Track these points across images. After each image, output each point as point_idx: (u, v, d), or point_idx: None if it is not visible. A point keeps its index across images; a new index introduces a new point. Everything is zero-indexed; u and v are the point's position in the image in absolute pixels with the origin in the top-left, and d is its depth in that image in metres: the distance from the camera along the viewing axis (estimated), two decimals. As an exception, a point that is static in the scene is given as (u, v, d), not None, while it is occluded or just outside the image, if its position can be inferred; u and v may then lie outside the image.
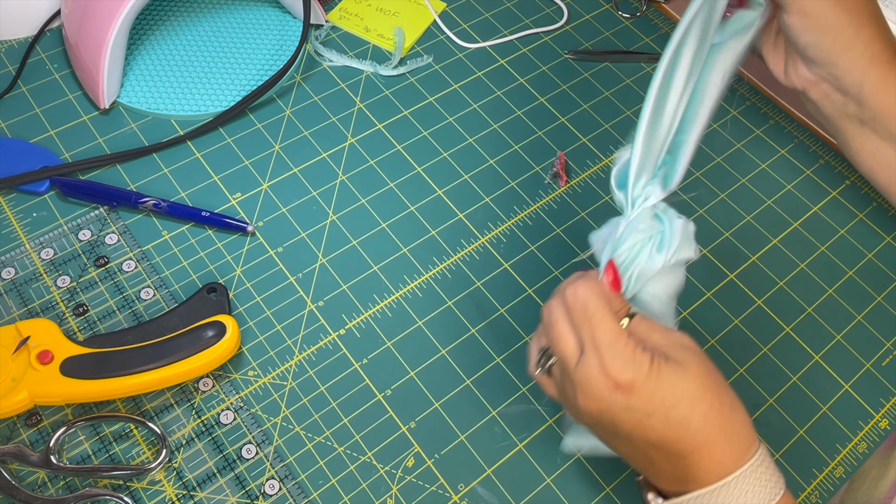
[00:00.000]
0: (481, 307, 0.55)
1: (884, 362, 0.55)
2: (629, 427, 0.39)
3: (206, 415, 0.49)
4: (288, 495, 0.47)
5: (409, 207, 0.59)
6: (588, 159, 0.63)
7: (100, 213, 0.56)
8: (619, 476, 0.49)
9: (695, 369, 0.38)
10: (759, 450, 0.39)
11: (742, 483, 0.38)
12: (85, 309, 0.52)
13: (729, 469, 0.38)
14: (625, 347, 0.38)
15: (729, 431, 0.38)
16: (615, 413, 0.38)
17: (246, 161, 0.60)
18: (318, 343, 0.53)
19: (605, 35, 0.72)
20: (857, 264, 0.60)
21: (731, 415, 0.39)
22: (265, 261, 0.56)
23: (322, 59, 0.67)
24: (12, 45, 0.64)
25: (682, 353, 0.39)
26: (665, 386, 0.38)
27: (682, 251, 0.42)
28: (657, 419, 0.38)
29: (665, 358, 0.39)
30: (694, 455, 0.38)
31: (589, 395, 0.39)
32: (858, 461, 0.52)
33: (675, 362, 0.38)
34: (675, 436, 0.38)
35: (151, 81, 0.63)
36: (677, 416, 0.38)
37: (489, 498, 0.48)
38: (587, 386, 0.39)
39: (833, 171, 0.65)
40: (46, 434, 0.48)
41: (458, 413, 0.51)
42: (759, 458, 0.39)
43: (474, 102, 0.66)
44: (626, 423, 0.38)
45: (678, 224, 0.42)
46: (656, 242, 0.42)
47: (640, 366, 0.38)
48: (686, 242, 0.42)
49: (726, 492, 0.38)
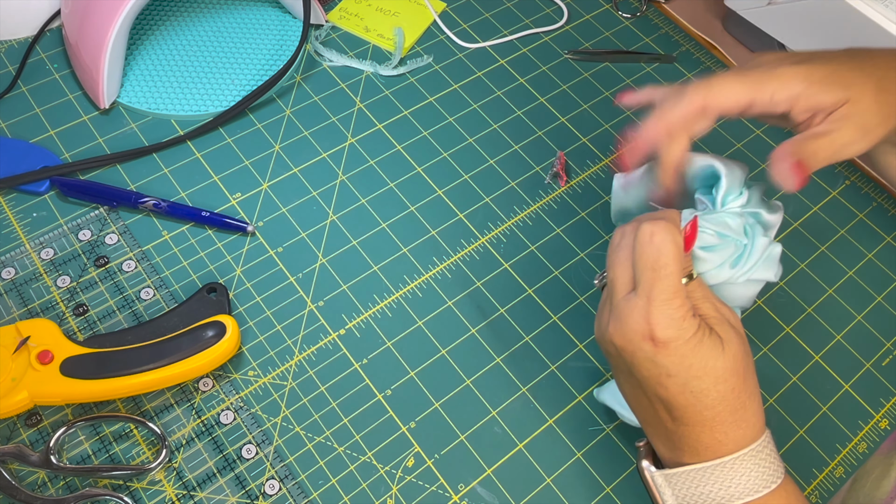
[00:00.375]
0: (481, 307, 0.55)
1: (884, 362, 0.55)
2: (645, 375, 0.39)
3: (206, 415, 0.49)
4: (288, 495, 0.47)
5: (409, 207, 0.59)
6: (588, 159, 0.63)
7: (100, 213, 0.56)
8: (620, 476, 0.49)
9: (733, 350, 0.38)
10: (763, 437, 0.39)
11: (739, 465, 0.38)
12: (85, 309, 0.52)
13: (728, 449, 0.38)
14: (678, 308, 0.38)
15: (739, 416, 0.38)
16: (637, 358, 0.38)
17: (246, 161, 0.60)
18: (318, 343, 0.53)
19: (605, 35, 0.72)
20: (857, 264, 0.60)
21: (748, 402, 0.39)
22: (265, 261, 0.56)
23: (322, 59, 0.67)
24: (12, 45, 0.64)
25: (727, 330, 0.39)
26: (698, 356, 0.38)
27: (760, 271, 0.42)
28: (675, 382, 0.38)
29: (709, 330, 0.38)
30: (696, 426, 0.38)
31: (619, 330, 0.39)
32: (858, 461, 0.52)
33: (717, 337, 0.38)
34: (684, 402, 0.38)
35: (151, 81, 0.63)
36: (697, 387, 0.38)
37: (489, 498, 0.48)
38: (623, 321, 0.39)
39: (833, 171, 0.65)
40: (46, 434, 0.48)
41: (458, 413, 0.51)
42: (760, 444, 0.39)
43: (474, 102, 0.66)
44: (644, 371, 0.38)
45: (760, 243, 0.42)
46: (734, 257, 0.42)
47: (685, 330, 0.38)
48: (767, 263, 0.42)
49: (721, 471, 0.38)
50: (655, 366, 0.38)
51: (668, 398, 0.38)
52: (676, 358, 0.38)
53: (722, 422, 0.38)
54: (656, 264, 0.38)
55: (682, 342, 0.37)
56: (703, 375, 0.38)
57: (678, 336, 0.37)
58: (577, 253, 0.58)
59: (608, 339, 0.40)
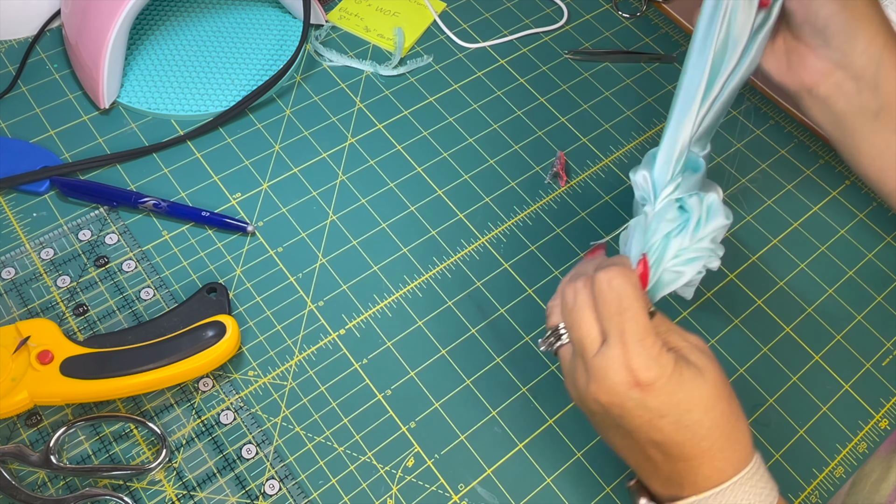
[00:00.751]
0: (481, 307, 0.55)
1: (884, 362, 0.55)
2: (637, 423, 0.38)
3: (206, 415, 0.49)
4: (288, 495, 0.47)
5: (409, 207, 0.59)
6: (588, 159, 0.63)
7: (100, 213, 0.56)
8: (619, 476, 0.49)
9: (711, 376, 0.38)
10: (755, 457, 0.39)
11: (738, 490, 0.38)
12: (85, 309, 0.52)
13: (728, 475, 0.38)
14: (652, 346, 0.38)
15: (734, 440, 0.38)
16: (627, 409, 0.38)
17: (246, 161, 0.60)
18: (318, 343, 0.53)
19: (605, 35, 0.72)
20: (857, 264, 0.60)
21: (737, 423, 0.39)
22: (265, 261, 0.56)
23: (322, 59, 0.67)
24: (12, 45, 0.64)
25: (700, 357, 0.39)
26: (684, 390, 0.37)
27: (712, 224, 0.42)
28: (668, 421, 0.37)
29: (686, 361, 0.38)
30: (695, 459, 0.38)
31: (603, 387, 0.38)
32: (858, 461, 0.52)
33: (694, 367, 0.38)
34: (681, 439, 0.38)
35: (151, 81, 0.63)
36: (689, 421, 0.37)
37: (489, 498, 0.48)
38: (604, 377, 0.38)
39: (833, 171, 0.65)
40: (46, 434, 0.48)
41: (458, 413, 0.51)
42: (754, 466, 0.39)
43: (474, 102, 0.66)
44: (636, 419, 0.38)
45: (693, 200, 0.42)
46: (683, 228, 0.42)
47: (665, 367, 0.37)
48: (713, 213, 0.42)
49: (722, 498, 0.38)
50: (647, 410, 0.38)
51: (664, 440, 0.38)
52: (665, 396, 0.37)
53: (720, 448, 0.38)
54: (620, 308, 0.38)
55: (665, 379, 0.37)
56: (693, 408, 0.37)
57: (661, 374, 0.37)
58: (576, 253, 0.58)
59: (592, 399, 0.39)
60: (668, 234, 0.42)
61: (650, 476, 0.41)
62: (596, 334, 0.39)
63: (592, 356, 0.39)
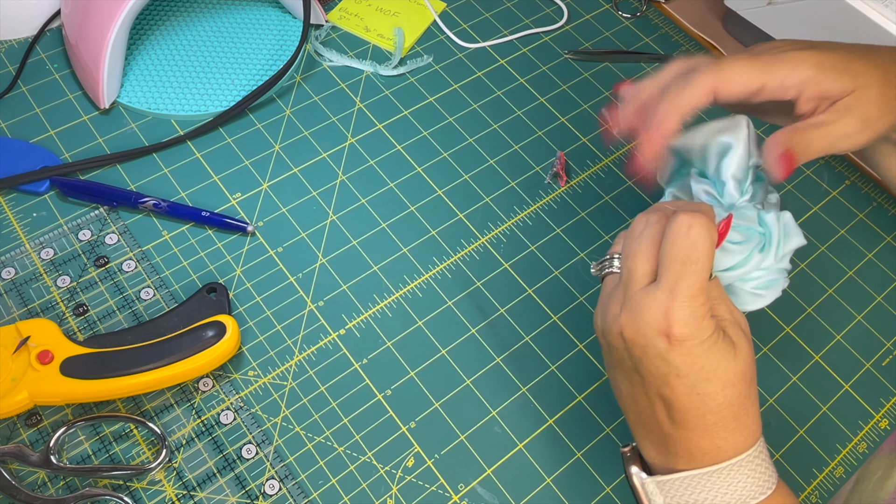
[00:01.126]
0: (481, 307, 0.55)
1: (884, 362, 0.55)
2: (652, 371, 0.37)
3: (206, 415, 0.49)
4: (288, 495, 0.47)
5: (409, 207, 0.59)
6: (588, 159, 0.63)
7: (100, 213, 0.56)
8: (619, 476, 0.49)
9: (743, 356, 0.38)
10: (758, 443, 0.39)
11: (735, 471, 0.37)
12: (85, 309, 0.52)
13: (726, 455, 0.37)
14: (701, 306, 0.36)
15: (741, 423, 0.38)
16: (647, 354, 0.37)
17: (246, 161, 0.60)
18: (318, 343, 0.53)
19: (605, 35, 0.72)
20: (857, 264, 0.60)
21: (750, 408, 0.38)
22: (265, 261, 0.56)
23: (322, 59, 0.67)
24: (12, 45, 0.64)
25: (739, 334, 0.38)
26: (710, 359, 0.37)
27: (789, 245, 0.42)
28: (683, 383, 0.37)
29: (723, 333, 0.38)
30: (697, 431, 0.37)
31: (633, 322, 0.37)
32: (858, 461, 0.52)
33: (730, 340, 0.38)
34: (689, 405, 0.37)
35: (151, 81, 0.63)
36: (703, 390, 0.37)
37: (489, 498, 0.48)
38: (638, 313, 0.37)
39: (833, 170, 0.65)
40: (46, 434, 0.48)
41: (458, 413, 0.51)
42: (756, 450, 0.38)
43: (474, 102, 0.66)
44: (652, 367, 0.37)
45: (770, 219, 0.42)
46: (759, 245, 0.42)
47: (702, 330, 0.36)
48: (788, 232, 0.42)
49: (717, 477, 0.37)
50: (666, 364, 0.37)
51: (673, 399, 0.37)
52: (689, 358, 0.36)
53: (724, 427, 0.37)
54: (688, 258, 0.36)
55: (697, 342, 0.36)
56: (713, 378, 0.37)
57: (695, 335, 0.36)
58: (577, 253, 0.58)
59: (617, 331, 0.38)
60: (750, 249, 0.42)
61: (647, 434, 0.40)
62: (648, 270, 0.38)
63: (636, 290, 0.38)
